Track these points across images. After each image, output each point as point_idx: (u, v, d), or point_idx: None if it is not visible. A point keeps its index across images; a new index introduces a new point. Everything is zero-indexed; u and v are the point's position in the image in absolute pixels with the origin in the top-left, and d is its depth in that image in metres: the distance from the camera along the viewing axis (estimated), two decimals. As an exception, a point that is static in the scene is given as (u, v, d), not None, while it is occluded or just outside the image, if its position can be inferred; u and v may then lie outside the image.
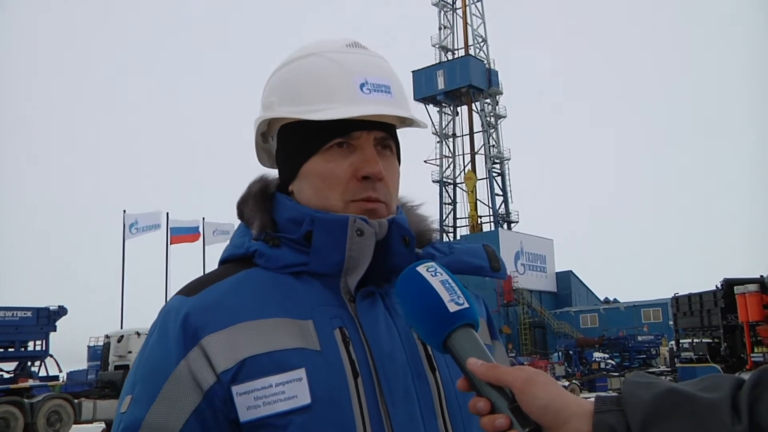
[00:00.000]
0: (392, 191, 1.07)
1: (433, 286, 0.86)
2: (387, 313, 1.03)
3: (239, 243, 1.09)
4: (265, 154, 1.19)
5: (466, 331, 0.85)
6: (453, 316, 0.84)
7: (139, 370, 0.99)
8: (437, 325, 0.85)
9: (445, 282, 0.87)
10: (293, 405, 0.92)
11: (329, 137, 1.03)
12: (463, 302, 0.85)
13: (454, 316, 0.84)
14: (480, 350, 0.83)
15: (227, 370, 0.94)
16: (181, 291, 1.04)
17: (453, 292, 0.86)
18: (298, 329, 0.97)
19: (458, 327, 0.84)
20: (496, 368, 0.80)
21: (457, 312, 0.84)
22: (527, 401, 0.77)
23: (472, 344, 0.84)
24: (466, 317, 0.85)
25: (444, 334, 0.84)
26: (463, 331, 0.84)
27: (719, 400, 0.72)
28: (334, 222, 1.01)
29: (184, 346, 0.96)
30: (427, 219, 1.20)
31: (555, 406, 0.76)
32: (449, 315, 0.84)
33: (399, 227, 1.04)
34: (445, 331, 0.84)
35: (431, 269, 0.89)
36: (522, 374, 0.79)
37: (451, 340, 0.84)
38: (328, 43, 1.08)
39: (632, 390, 0.77)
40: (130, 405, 0.96)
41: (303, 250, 1.03)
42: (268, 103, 1.09)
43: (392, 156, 1.09)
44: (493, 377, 0.80)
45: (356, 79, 1.03)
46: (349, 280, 1.02)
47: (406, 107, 1.08)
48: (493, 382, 0.80)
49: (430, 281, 0.87)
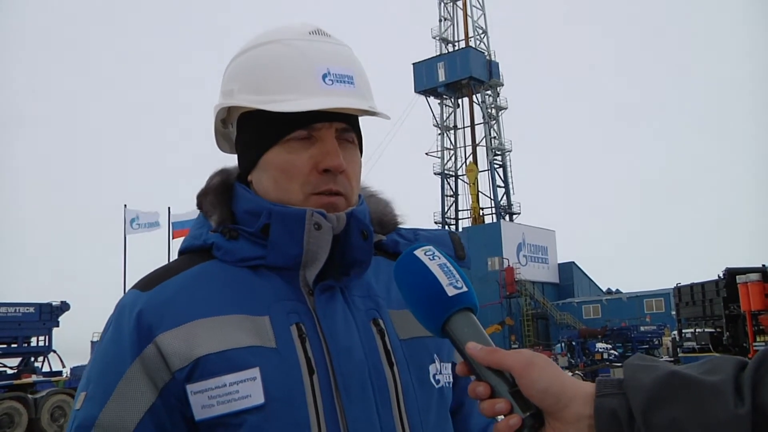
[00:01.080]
0: (353, 183, 1.06)
1: (431, 269, 0.85)
2: (346, 306, 1.02)
3: (197, 234, 1.08)
4: (225, 140, 1.17)
5: (465, 315, 0.84)
6: (451, 300, 0.83)
7: (94, 366, 0.98)
8: (436, 310, 0.84)
9: (443, 266, 0.86)
10: (247, 404, 0.92)
11: (290, 129, 1.01)
12: (462, 286, 0.84)
13: (452, 300, 0.83)
14: (479, 334, 0.82)
15: (182, 369, 0.94)
16: (137, 285, 1.03)
17: (451, 276, 0.85)
18: (254, 326, 0.97)
19: (457, 311, 0.83)
20: (496, 352, 0.79)
21: (455, 296, 0.83)
22: (527, 385, 0.76)
23: (471, 328, 0.83)
24: (465, 301, 0.84)
25: (443, 318, 0.83)
26: (462, 315, 0.83)
27: (721, 383, 0.71)
28: (292, 215, 1.00)
29: (139, 344, 0.95)
30: (390, 204, 1.19)
31: (555, 390, 0.76)
32: (448, 299, 0.83)
33: (357, 221, 1.03)
34: (444, 316, 0.83)
35: (429, 253, 0.88)
36: (522, 358, 0.78)
37: (450, 324, 0.83)
38: (290, 29, 1.05)
39: (634, 373, 0.75)
40: (84, 402, 0.96)
41: (261, 243, 1.02)
42: (228, 90, 1.07)
43: (354, 147, 1.07)
44: (492, 361, 0.79)
45: (318, 69, 1.01)
46: (307, 273, 1.02)
47: (369, 98, 1.06)
48: (492, 366, 0.79)
49: (428, 265, 0.86)
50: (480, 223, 49.49)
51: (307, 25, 1.06)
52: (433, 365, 1.07)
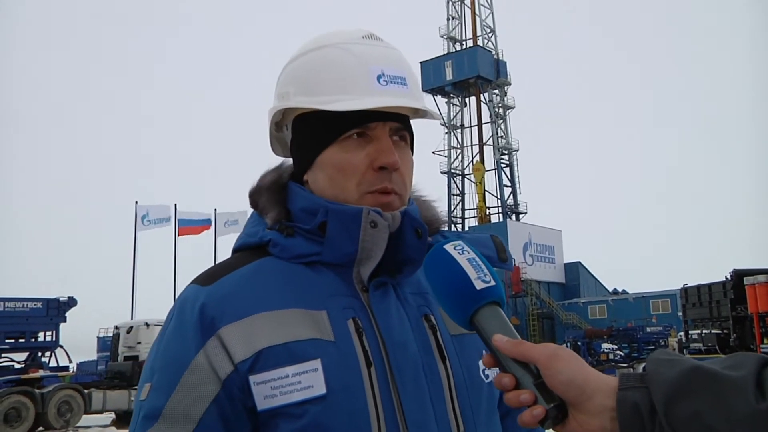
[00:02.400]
0: (407, 182, 1.08)
1: (460, 264, 0.87)
2: (399, 303, 1.04)
3: (253, 232, 1.10)
4: (278, 143, 1.19)
5: (492, 308, 0.86)
6: (480, 293, 0.85)
7: (158, 358, 1.00)
8: (464, 303, 0.86)
9: (472, 260, 0.88)
10: (309, 395, 0.94)
11: (346, 128, 1.04)
12: (490, 280, 0.86)
13: (480, 294, 0.85)
14: (506, 327, 0.84)
15: (244, 360, 0.96)
16: (196, 280, 1.05)
17: (480, 270, 0.87)
18: (313, 320, 0.99)
19: (485, 304, 0.85)
20: (522, 344, 0.81)
21: (483, 289, 0.85)
22: (551, 376, 0.78)
23: (497, 321, 0.85)
24: (493, 295, 0.86)
25: (470, 311, 0.86)
26: (489, 308, 0.86)
27: (743, 378, 0.72)
28: (349, 213, 1.02)
29: (202, 336, 0.97)
30: (436, 209, 1.21)
31: (579, 382, 0.77)
32: (476, 292, 0.85)
33: (411, 219, 1.05)
34: (472, 308, 0.85)
35: (458, 247, 0.90)
36: (546, 350, 0.80)
37: (478, 317, 0.85)
38: (344, 34, 1.08)
39: (656, 367, 0.77)
40: (149, 393, 0.98)
41: (316, 240, 1.04)
42: (284, 92, 1.10)
43: (407, 146, 1.10)
44: (518, 353, 0.81)
45: (373, 71, 1.04)
46: (362, 270, 1.04)
47: (421, 99, 1.09)
48: (518, 358, 0.81)
49: (458, 259, 0.88)
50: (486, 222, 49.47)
51: (359, 30, 1.09)
52: (482, 361, 1.08)
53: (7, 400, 14.23)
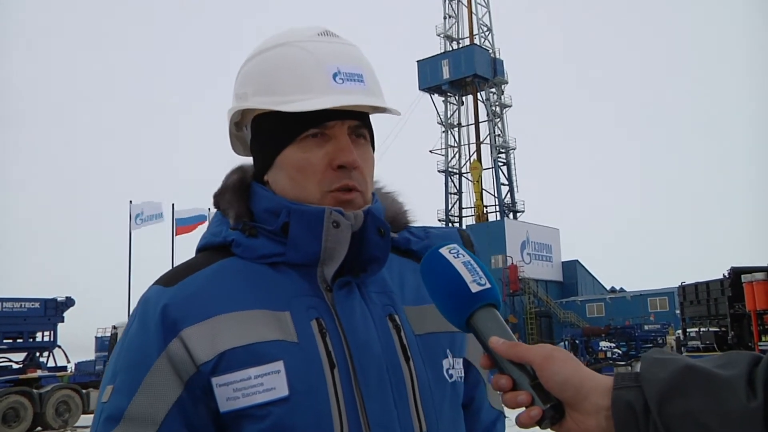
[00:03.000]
0: (368, 179, 1.08)
1: (455, 267, 0.88)
2: (363, 302, 1.05)
3: (216, 231, 1.10)
4: (239, 142, 1.19)
5: (489, 310, 0.87)
6: (475, 296, 0.86)
7: (120, 359, 1.00)
8: (460, 306, 0.87)
9: (468, 263, 0.89)
10: (271, 396, 0.95)
11: (303, 128, 1.04)
12: (485, 283, 0.87)
13: (476, 297, 0.86)
14: (502, 329, 0.85)
15: (207, 362, 0.96)
16: (159, 281, 1.05)
17: (475, 273, 0.88)
18: (276, 321, 0.99)
19: (480, 307, 0.87)
20: (518, 346, 0.82)
21: (479, 292, 0.86)
22: (547, 377, 0.79)
23: (494, 323, 0.86)
24: (488, 297, 0.87)
25: (467, 314, 0.87)
26: (485, 310, 0.87)
27: (735, 377, 0.73)
28: (311, 214, 1.02)
29: (165, 338, 0.97)
30: (402, 203, 1.21)
31: (574, 382, 0.79)
32: (472, 295, 0.86)
33: (374, 218, 1.05)
34: (468, 311, 0.86)
35: (453, 251, 0.91)
36: (542, 351, 0.81)
37: (474, 319, 0.87)
38: (299, 32, 1.08)
39: (650, 366, 0.78)
40: (111, 395, 0.97)
41: (280, 240, 1.04)
42: (242, 93, 1.10)
43: (366, 143, 1.10)
44: (514, 355, 0.82)
45: (329, 69, 1.03)
46: (326, 270, 1.04)
47: (379, 95, 1.08)
48: (514, 360, 0.82)
49: (453, 263, 0.89)
50: (484, 220, 49.52)
51: (315, 27, 1.09)
52: (446, 360, 1.10)
53: (6, 400, 14.20)
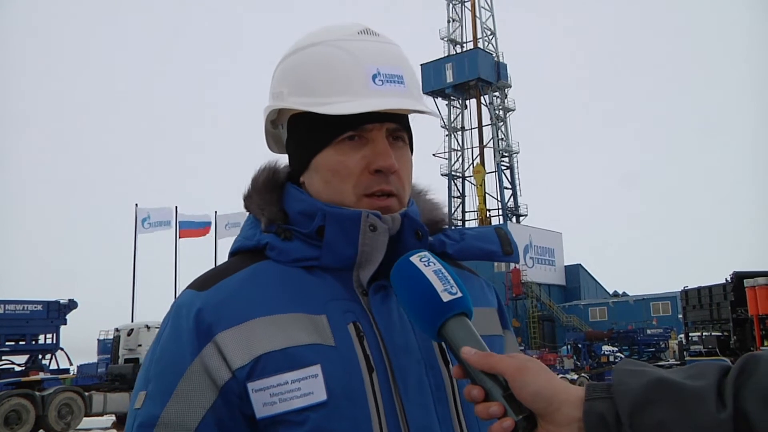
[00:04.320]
0: (405, 183, 1.06)
1: (426, 276, 0.87)
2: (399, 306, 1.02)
3: (250, 235, 1.08)
4: (274, 140, 1.17)
5: (460, 320, 0.85)
6: (446, 305, 0.85)
7: (152, 366, 0.98)
8: (431, 315, 0.85)
9: (438, 272, 0.88)
10: (309, 401, 0.91)
11: (341, 131, 1.01)
12: (456, 291, 0.86)
13: (447, 306, 0.85)
14: (473, 339, 0.85)
15: (242, 367, 0.93)
16: (192, 285, 1.02)
17: (446, 282, 0.86)
18: (312, 324, 0.96)
19: (452, 316, 0.85)
20: (490, 357, 0.81)
21: (450, 302, 0.85)
22: (519, 388, 0.79)
23: (465, 333, 0.85)
24: (460, 306, 0.85)
25: (438, 323, 0.85)
26: (456, 320, 0.85)
27: (705, 388, 0.73)
28: (347, 217, 1.00)
29: (198, 343, 0.95)
30: (438, 206, 1.18)
31: (546, 393, 0.78)
32: (442, 305, 0.85)
33: (411, 221, 1.03)
34: (439, 321, 0.85)
35: (424, 259, 0.89)
36: (514, 362, 0.80)
37: (446, 329, 0.85)
38: (339, 30, 1.05)
39: (622, 378, 0.78)
40: (144, 401, 0.95)
41: (315, 244, 1.02)
42: (278, 92, 1.07)
43: (405, 147, 1.07)
44: (486, 365, 0.81)
45: (368, 70, 1.00)
46: (361, 274, 1.01)
47: (418, 97, 1.06)
48: (486, 370, 0.81)
49: (423, 271, 0.87)
50: (487, 224, 49.38)
51: (355, 24, 1.06)
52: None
53: (8, 402, 14.20)
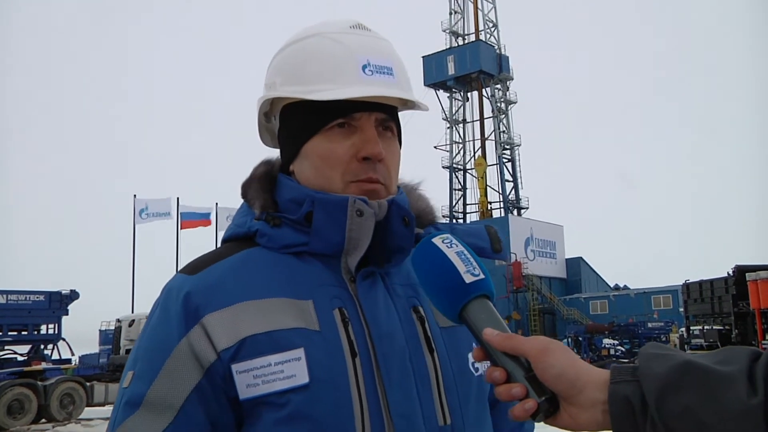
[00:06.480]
0: (392, 173, 1.08)
1: (448, 257, 0.86)
2: (387, 293, 1.04)
3: (241, 222, 1.10)
4: (268, 133, 1.19)
5: (482, 301, 0.85)
6: (469, 287, 0.84)
7: (141, 346, 1.01)
8: (453, 297, 0.85)
9: (461, 253, 0.87)
10: (292, 384, 0.94)
11: (330, 118, 1.03)
12: (479, 273, 0.85)
13: (470, 287, 0.84)
14: (496, 320, 0.83)
15: (227, 349, 0.96)
16: (183, 269, 1.05)
17: (469, 264, 0.86)
18: (298, 309, 0.99)
19: (474, 298, 0.84)
20: (513, 338, 0.81)
21: (473, 283, 0.84)
22: (543, 370, 0.78)
23: (487, 315, 0.84)
24: (482, 288, 0.85)
25: (460, 305, 0.84)
26: (478, 301, 0.85)
27: (735, 373, 0.72)
28: (334, 203, 1.02)
29: (186, 324, 0.97)
30: (428, 200, 1.20)
31: (570, 375, 0.78)
32: (465, 286, 0.84)
33: (399, 207, 1.04)
34: (462, 302, 0.84)
35: (446, 241, 0.88)
36: (538, 343, 0.79)
37: (467, 310, 0.84)
38: (332, 24, 1.08)
39: (648, 361, 0.77)
40: (132, 380, 0.98)
41: (304, 230, 1.04)
42: (271, 83, 1.10)
43: (393, 138, 1.09)
44: (509, 347, 0.80)
45: (359, 60, 1.03)
46: (349, 260, 1.03)
47: (408, 89, 1.08)
48: (509, 352, 0.80)
49: (446, 252, 0.87)
50: (488, 217, 49.46)
51: (348, 20, 1.08)
52: (472, 353, 1.08)
53: (10, 392, 14.25)
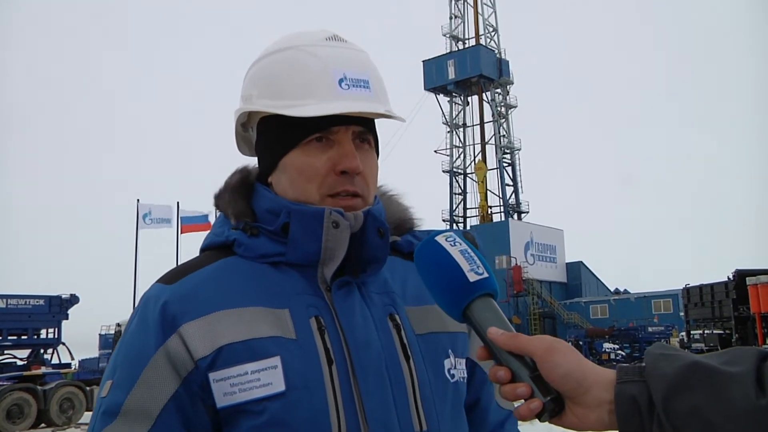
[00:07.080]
0: (370, 184, 1.08)
1: (452, 255, 0.86)
2: (363, 302, 1.05)
3: (219, 232, 1.11)
4: (245, 143, 1.20)
5: (486, 300, 0.84)
6: (473, 285, 0.84)
7: (119, 355, 1.01)
8: (457, 295, 0.84)
9: (465, 252, 0.86)
10: (268, 392, 0.95)
11: (307, 132, 1.04)
12: (483, 272, 0.85)
13: (474, 286, 0.84)
14: (500, 319, 0.83)
15: (204, 357, 0.97)
16: (161, 279, 1.06)
17: (472, 262, 0.85)
18: (275, 318, 1.00)
19: (478, 296, 0.84)
20: (518, 337, 0.80)
21: (477, 281, 0.84)
22: (549, 369, 0.77)
23: (492, 313, 0.83)
24: (486, 287, 0.84)
25: (464, 303, 0.84)
26: (482, 300, 0.84)
27: (743, 373, 0.72)
28: (311, 214, 1.03)
29: (163, 333, 0.98)
30: (408, 208, 1.21)
31: (576, 375, 0.77)
32: (469, 285, 0.84)
33: (374, 219, 1.05)
34: (466, 301, 0.84)
35: (450, 239, 0.88)
36: (543, 343, 0.79)
37: (471, 309, 0.84)
38: (308, 35, 1.08)
39: (655, 361, 0.76)
40: (110, 390, 0.99)
41: (280, 240, 1.05)
42: (248, 95, 1.10)
43: (370, 149, 1.10)
44: (514, 346, 0.80)
45: (335, 74, 1.03)
46: (325, 270, 1.04)
47: (384, 102, 1.08)
48: (514, 351, 0.80)
49: (450, 251, 0.86)
50: (488, 221, 49.42)
51: (323, 31, 1.09)
52: (448, 360, 1.10)
53: (10, 396, 14.21)
